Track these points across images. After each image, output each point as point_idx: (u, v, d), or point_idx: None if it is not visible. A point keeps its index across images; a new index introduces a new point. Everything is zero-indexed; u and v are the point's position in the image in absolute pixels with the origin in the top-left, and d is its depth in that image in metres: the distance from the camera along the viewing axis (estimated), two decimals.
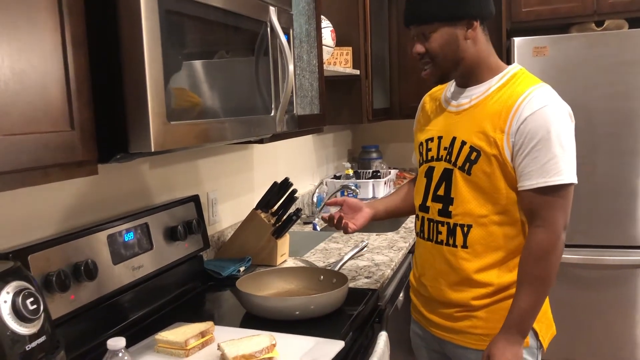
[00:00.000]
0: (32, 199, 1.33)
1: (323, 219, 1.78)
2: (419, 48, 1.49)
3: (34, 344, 0.94)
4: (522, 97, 1.40)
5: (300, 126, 1.88)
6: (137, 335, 1.41)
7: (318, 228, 2.66)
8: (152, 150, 1.04)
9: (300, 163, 2.99)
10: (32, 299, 0.93)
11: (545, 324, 1.53)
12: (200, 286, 1.83)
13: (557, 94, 1.43)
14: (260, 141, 1.78)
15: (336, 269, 1.85)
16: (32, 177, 0.93)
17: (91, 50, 1.00)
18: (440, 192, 1.52)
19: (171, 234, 1.68)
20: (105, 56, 1.03)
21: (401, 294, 2.07)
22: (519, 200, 1.43)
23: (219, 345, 1.25)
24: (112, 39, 1.03)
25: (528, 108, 1.38)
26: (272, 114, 1.53)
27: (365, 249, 2.17)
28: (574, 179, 1.38)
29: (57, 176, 0.98)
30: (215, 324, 1.45)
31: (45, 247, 1.25)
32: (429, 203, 1.56)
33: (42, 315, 0.96)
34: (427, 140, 1.58)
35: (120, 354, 0.92)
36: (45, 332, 0.97)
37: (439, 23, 1.44)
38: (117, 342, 0.92)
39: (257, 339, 1.27)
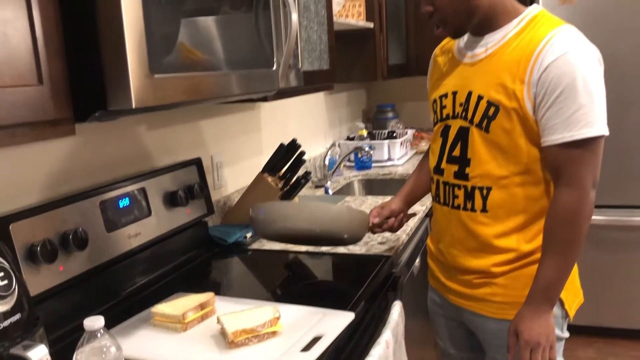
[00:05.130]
0: (14, 163, 1.23)
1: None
2: (427, 7, 1.36)
3: (7, 323, 0.85)
4: (543, 42, 1.25)
5: (307, 82, 1.76)
6: (134, 307, 1.33)
7: (330, 192, 2.55)
8: (133, 107, 0.93)
9: (312, 124, 2.86)
10: (1, 274, 0.84)
11: (572, 291, 1.41)
12: (205, 253, 1.74)
13: (583, 36, 1.28)
14: (264, 99, 1.66)
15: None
16: None
17: None
18: (456, 152, 1.40)
19: (171, 200, 1.59)
20: None
21: (417, 260, 1.97)
22: (543, 158, 1.30)
23: (218, 319, 1.16)
24: None
25: (550, 54, 1.23)
26: (274, 68, 1.40)
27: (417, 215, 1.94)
28: (604, 131, 1.24)
29: (25, 137, 0.87)
30: (219, 293, 1.36)
31: (29, 215, 1.16)
32: (443, 165, 1.43)
33: (16, 290, 0.87)
34: (441, 97, 1.45)
35: (99, 335, 0.83)
36: (21, 308, 0.88)
37: None
38: (94, 322, 0.82)
39: (259, 312, 1.17)
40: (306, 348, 1.09)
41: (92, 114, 0.96)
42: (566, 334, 1.43)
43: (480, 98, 1.33)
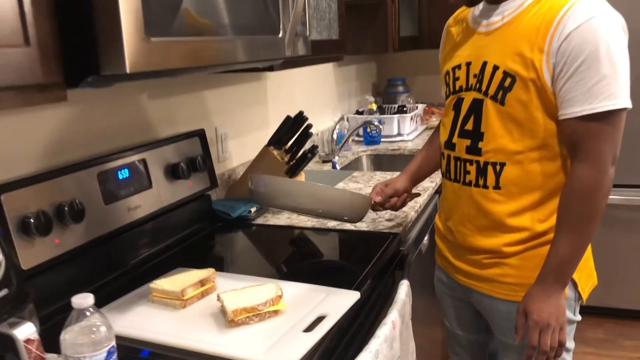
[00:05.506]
0: (8, 131, 1.18)
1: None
2: None
3: None
4: (565, 9, 1.17)
5: (315, 52, 1.68)
6: (133, 282, 1.29)
7: (338, 167, 2.50)
8: (127, 71, 0.87)
9: (320, 96, 2.79)
10: None
11: (585, 273, 1.36)
12: (208, 227, 1.70)
13: (606, 3, 1.19)
14: (270, 68, 1.59)
15: None
16: None
17: None
18: (469, 126, 1.33)
19: (173, 172, 1.54)
20: None
21: (426, 238, 1.92)
22: (560, 131, 1.23)
23: (218, 296, 1.12)
24: None
25: (572, 21, 1.15)
26: (280, 36, 1.33)
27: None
28: (627, 104, 1.16)
29: (13, 102, 0.82)
30: (221, 269, 1.32)
31: (22, 185, 1.11)
32: (455, 139, 1.37)
33: (3, 264, 0.83)
34: (454, 69, 1.38)
35: (88, 313, 0.78)
36: (9, 283, 0.84)
37: None
38: (83, 300, 0.78)
39: (261, 289, 1.13)
40: (309, 328, 1.04)
41: (84, 79, 0.90)
42: (578, 317, 1.38)
43: (495, 68, 1.26)
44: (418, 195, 1.70)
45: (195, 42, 1.02)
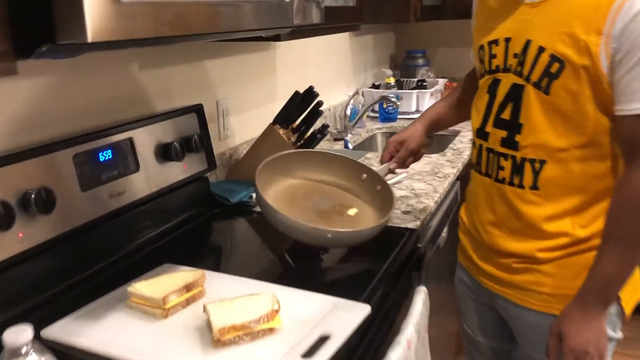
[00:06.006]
0: None
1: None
2: None
3: None
4: None
5: (329, 20, 1.49)
6: (113, 280, 1.12)
7: (350, 146, 2.31)
8: (89, 40, 0.69)
9: (333, 69, 2.58)
10: None
11: (631, 284, 1.18)
12: (204, 213, 1.53)
13: None
14: (277, 38, 1.40)
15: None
16: None
17: None
18: (505, 115, 1.15)
19: (164, 152, 1.37)
20: None
21: (445, 230, 1.74)
22: (615, 129, 1.06)
23: (205, 307, 0.95)
24: None
25: None
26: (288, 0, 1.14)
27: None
28: None
29: None
30: (213, 266, 1.17)
31: None
32: (489, 128, 1.19)
33: None
34: (490, 44, 1.19)
35: (22, 351, 0.61)
36: None
37: None
38: (17, 336, 0.61)
39: (255, 301, 0.96)
40: (309, 352, 0.88)
41: (37, 48, 0.72)
42: (619, 335, 1.22)
43: (541, 50, 1.07)
44: (430, 144, 1.57)
45: (180, 6, 0.84)
